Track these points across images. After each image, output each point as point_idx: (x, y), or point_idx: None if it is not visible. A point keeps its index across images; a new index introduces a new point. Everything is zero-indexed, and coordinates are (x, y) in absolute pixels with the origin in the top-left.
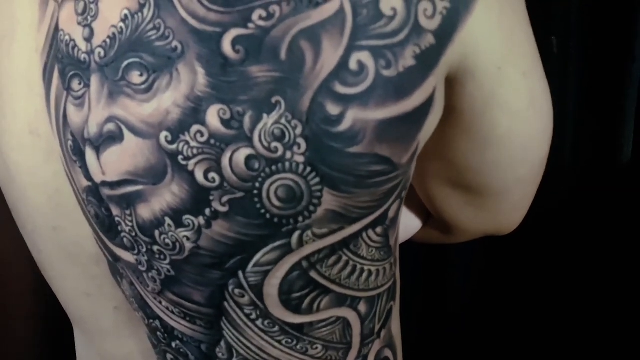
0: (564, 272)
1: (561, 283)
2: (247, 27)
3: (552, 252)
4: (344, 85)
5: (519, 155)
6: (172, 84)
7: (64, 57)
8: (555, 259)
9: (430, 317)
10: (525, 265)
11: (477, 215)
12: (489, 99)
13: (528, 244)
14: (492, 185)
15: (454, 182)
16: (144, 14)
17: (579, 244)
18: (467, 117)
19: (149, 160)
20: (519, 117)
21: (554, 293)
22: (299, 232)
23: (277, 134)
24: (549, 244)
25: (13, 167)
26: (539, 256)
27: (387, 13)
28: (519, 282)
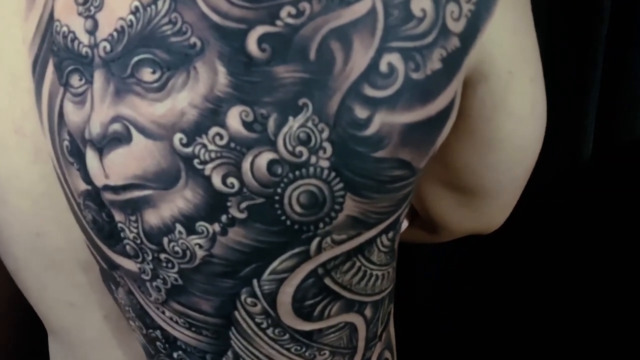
0: (527, 266)
1: (524, 277)
2: (274, 24)
3: (515, 247)
4: (374, 88)
5: (517, 157)
6: (189, 83)
7: (61, 50)
8: (518, 254)
9: (399, 311)
10: (490, 260)
11: (466, 215)
12: (497, 104)
13: (492, 238)
14: (487, 186)
15: (448, 183)
16: (158, 7)
17: (542, 240)
18: (473, 121)
19: (159, 164)
20: (522, 121)
21: (516, 287)
22: (318, 239)
23: (303, 138)
24: (512, 239)
25: None
26: (503, 250)
27: (417, 14)
28: (483, 277)
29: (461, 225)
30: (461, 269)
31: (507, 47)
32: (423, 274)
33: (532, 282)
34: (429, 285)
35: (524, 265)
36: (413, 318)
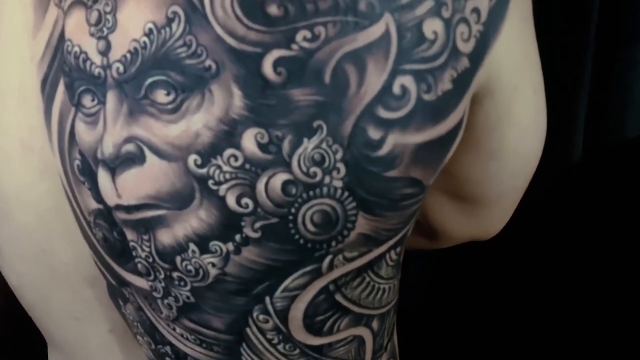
0: (519, 267)
1: (517, 278)
2: (290, 48)
3: (507, 248)
4: (387, 110)
5: (519, 166)
6: (204, 105)
7: (72, 70)
8: (510, 256)
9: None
10: (482, 262)
11: (466, 222)
12: (502, 116)
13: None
14: (489, 195)
15: (450, 191)
16: (172, 29)
17: (534, 241)
18: (478, 133)
19: (174, 184)
20: (525, 131)
21: (509, 288)
22: (330, 257)
23: (317, 159)
24: (504, 241)
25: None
26: (496, 252)
27: (429, 36)
28: (475, 278)
29: (461, 232)
30: (454, 270)
31: (513, 62)
32: (415, 278)
33: (525, 283)
34: (421, 290)
35: (516, 267)
36: (406, 321)
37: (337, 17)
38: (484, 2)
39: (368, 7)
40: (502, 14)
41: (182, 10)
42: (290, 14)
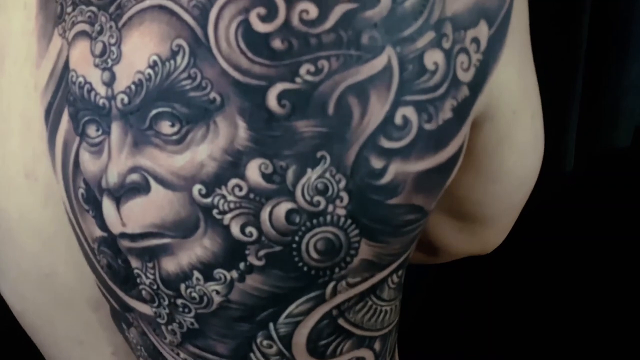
0: (511, 278)
1: (508, 289)
2: (294, 81)
3: (499, 259)
4: (389, 140)
5: (517, 186)
6: (209, 137)
7: (77, 100)
8: (502, 266)
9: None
10: (474, 273)
11: (465, 240)
12: (501, 140)
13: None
14: (487, 214)
15: (449, 210)
16: (177, 62)
17: (526, 252)
18: (477, 156)
19: (178, 213)
20: (523, 154)
21: (499, 299)
22: (333, 283)
23: (321, 188)
24: (496, 251)
25: (1, 211)
26: (488, 262)
27: (430, 67)
28: (467, 290)
29: (460, 248)
30: (448, 281)
31: (512, 87)
32: (412, 285)
33: (519, 293)
34: (417, 300)
35: (511, 277)
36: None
37: (340, 51)
38: (483, 32)
39: (370, 40)
40: (501, 42)
41: (186, 43)
42: (294, 48)
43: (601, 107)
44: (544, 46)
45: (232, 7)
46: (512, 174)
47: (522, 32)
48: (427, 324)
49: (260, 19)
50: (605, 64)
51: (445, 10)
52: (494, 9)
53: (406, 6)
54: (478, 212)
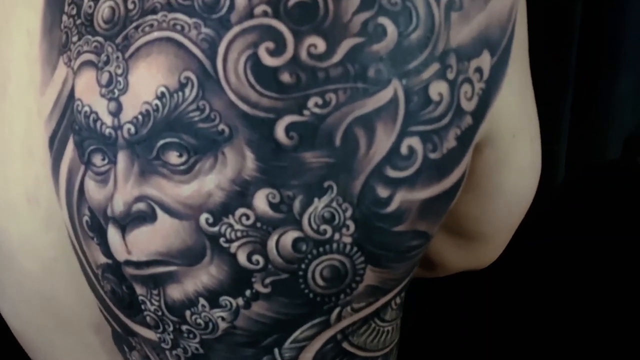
0: (503, 291)
1: (499, 304)
2: (302, 114)
3: (491, 271)
4: (395, 169)
5: (515, 206)
6: (217, 167)
7: (82, 129)
8: (494, 279)
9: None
10: (467, 287)
11: (463, 255)
12: (501, 162)
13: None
14: (486, 231)
15: (447, 228)
16: (185, 94)
17: (519, 265)
18: (477, 177)
19: (185, 242)
20: (522, 175)
21: (491, 313)
22: (339, 309)
23: (327, 217)
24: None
25: (1, 234)
26: (480, 275)
27: (434, 98)
28: (461, 301)
29: (457, 263)
30: (438, 292)
31: (512, 111)
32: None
33: (513, 305)
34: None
35: (500, 288)
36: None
37: (347, 84)
38: (486, 61)
39: (377, 73)
40: (503, 70)
41: (195, 75)
42: (302, 82)
43: (592, 119)
44: (535, 59)
45: (241, 41)
46: (510, 193)
47: (522, 57)
48: (423, 338)
49: (269, 53)
50: (595, 76)
51: (449, 41)
52: (497, 39)
53: (412, 39)
54: (476, 229)
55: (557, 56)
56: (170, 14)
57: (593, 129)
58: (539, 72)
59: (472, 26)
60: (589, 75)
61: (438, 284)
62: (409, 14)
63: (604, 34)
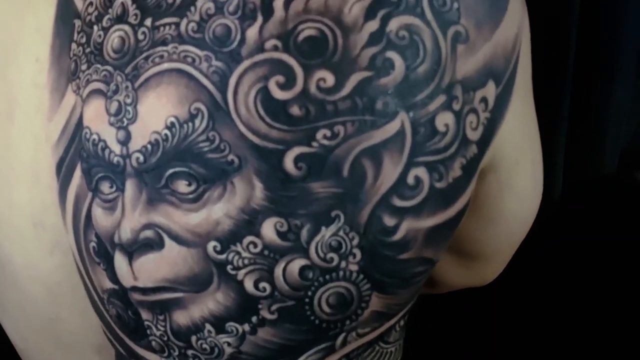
0: (501, 306)
1: (499, 313)
2: (310, 145)
3: (489, 286)
4: (401, 199)
5: (517, 227)
6: (226, 196)
7: (90, 157)
8: (492, 294)
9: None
10: (463, 302)
11: (464, 274)
12: (503, 187)
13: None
14: (487, 251)
15: (451, 248)
16: (195, 125)
17: (516, 279)
18: (479, 201)
19: (192, 269)
20: (523, 198)
21: (490, 324)
22: (344, 334)
23: (334, 245)
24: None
25: (4, 257)
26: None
27: (441, 129)
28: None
29: (458, 281)
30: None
31: (515, 138)
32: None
33: (510, 318)
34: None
35: (497, 303)
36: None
37: (356, 117)
38: (491, 91)
39: (384, 106)
40: (508, 98)
41: (205, 107)
42: (311, 114)
43: (588, 133)
44: (532, 72)
45: (251, 74)
46: (512, 216)
47: (526, 83)
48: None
49: (279, 86)
50: (591, 89)
51: (456, 73)
52: (502, 68)
53: (419, 72)
54: (477, 250)
55: (553, 69)
56: (181, 46)
57: (589, 143)
58: (535, 85)
59: (478, 57)
60: (585, 89)
61: (437, 297)
62: (416, 48)
63: (599, 46)
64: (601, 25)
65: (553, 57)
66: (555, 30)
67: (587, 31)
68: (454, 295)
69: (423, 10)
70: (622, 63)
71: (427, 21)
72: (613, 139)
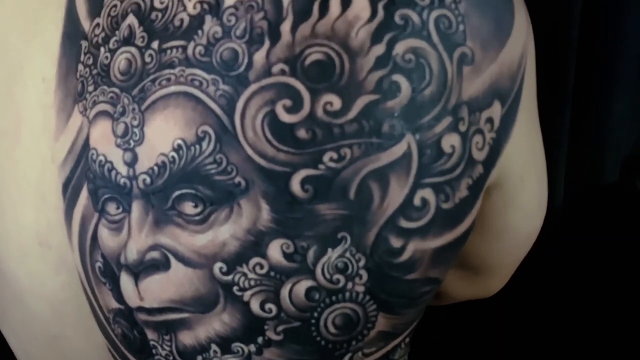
0: (504, 312)
1: (501, 323)
2: (317, 168)
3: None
4: (408, 220)
5: (522, 242)
6: (232, 217)
7: (97, 178)
8: (493, 306)
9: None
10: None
11: (468, 286)
12: (508, 203)
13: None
14: (492, 266)
15: (455, 263)
16: (203, 147)
17: (518, 289)
18: (484, 217)
19: (198, 290)
20: (529, 214)
21: (493, 334)
22: (350, 355)
23: (341, 267)
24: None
25: (10, 274)
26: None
27: (447, 151)
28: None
29: (462, 293)
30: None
31: (521, 155)
32: None
33: (512, 329)
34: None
35: (503, 313)
36: None
37: (362, 139)
38: (497, 111)
39: (390, 128)
40: (513, 117)
41: (212, 130)
42: (317, 138)
43: (589, 142)
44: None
45: (258, 98)
46: (516, 232)
47: (531, 101)
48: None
49: (286, 110)
50: (592, 98)
51: (461, 95)
52: (507, 88)
53: (425, 95)
54: (482, 264)
55: (554, 77)
56: (188, 69)
57: (591, 151)
58: (536, 93)
59: (484, 78)
60: (586, 97)
61: (441, 308)
62: (422, 71)
63: (600, 54)
64: (602, 33)
65: (554, 65)
66: (556, 38)
67: (588, 39)
68: (458, 306)
69: (429, 32)
70: (623, 71)
71: (434, 44)
72: (614, 147)
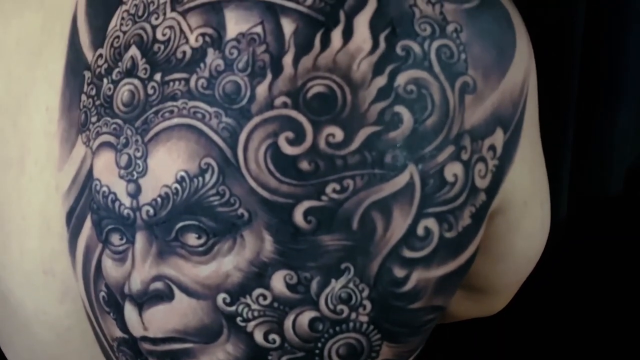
0: (506, 331)
1: (505, 337)
2: (320, 199)
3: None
4: (411, 250)
5: (524, 265)
6: (235, 249)
7: (101, 209)
8: (495, 319)
9: None
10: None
11: (472, 306)
12: (511, 227)
13: None
14: (495, 287)
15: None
16: (205, 179)
17: (521, 304)
18: (488, 241)
19: (201, 320)
20: (532, 237)
21: (497, 349)
22: None
23: (344, 297)
24: None
25: (15, 302)
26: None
27: (449, 180)
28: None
29: (465, 313)
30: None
31: (524, 182)
32: None
33: (516, 343)
34: None
35: (507, 326)
36: None
37: (365, 171)
38: (499, 138)
39: (393, 159)
40: (516, 144)
41: (215, 162)
42: (320, 169)
43: (593, 153)
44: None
45: (261, 131)
46: (520, 254)
47: (533, 126)
48: None
49: (289, 142)
50: (596, 111)
51: (464, 124)
52: (509, 115)
53: (427, 125)
54: (485, 285)
55: (558, 90)
56: (190, 101)
57: (595, 163)
58: (540, 107)
59: (486, 106)
60: (590, 109)
61: (445, 327)
62: (424, 101)
63: (603, 68)
64: (605, 46)
65: (558, 77)
66: (560, 50)
67: (592, 52)
68: (461, 324)
69: (431, 63)
70: (626, 83)
71: (435, 74)
72: (619, 159)
